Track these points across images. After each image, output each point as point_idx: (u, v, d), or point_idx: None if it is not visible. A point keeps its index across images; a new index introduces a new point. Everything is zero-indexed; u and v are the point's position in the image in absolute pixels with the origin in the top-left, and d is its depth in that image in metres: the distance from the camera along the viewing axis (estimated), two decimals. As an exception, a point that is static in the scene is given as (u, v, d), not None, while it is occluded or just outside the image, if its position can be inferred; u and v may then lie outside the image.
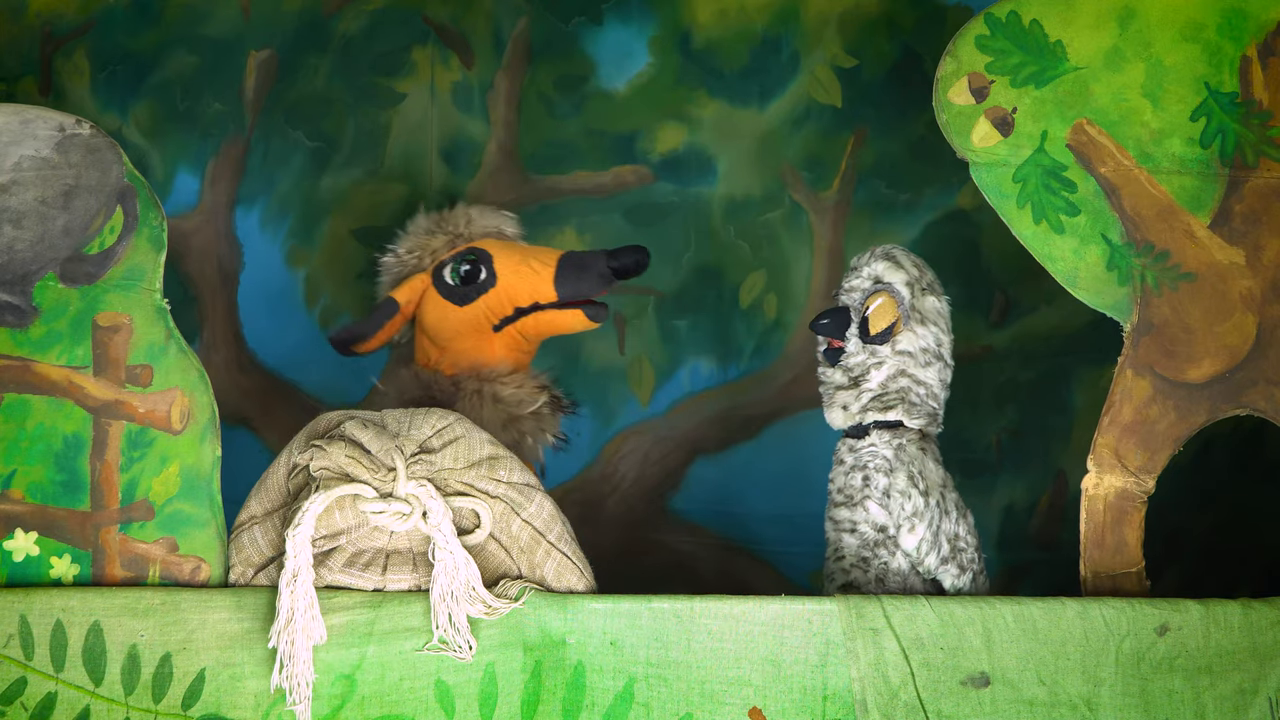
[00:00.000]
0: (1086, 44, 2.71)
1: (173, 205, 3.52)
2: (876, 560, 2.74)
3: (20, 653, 2.55)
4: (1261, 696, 2.59)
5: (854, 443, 2.79)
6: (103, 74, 3.55)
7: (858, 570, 2.75)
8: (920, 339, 2.77)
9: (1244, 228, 2.71)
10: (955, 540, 2.73)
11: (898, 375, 2.77)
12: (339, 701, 2.54)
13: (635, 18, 3.58)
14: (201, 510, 2.62)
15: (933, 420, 2.80)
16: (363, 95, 3.58)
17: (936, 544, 2.71)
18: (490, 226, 3.07)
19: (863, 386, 2.77)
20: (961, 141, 2.71)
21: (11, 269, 2.59)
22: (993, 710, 2.56)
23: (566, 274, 2.92)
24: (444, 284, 2.97)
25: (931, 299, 2.80)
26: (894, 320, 2.76)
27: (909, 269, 2.79)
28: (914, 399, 2.77)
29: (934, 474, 2.75)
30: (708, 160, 3.60)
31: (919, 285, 2.79)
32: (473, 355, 2.95)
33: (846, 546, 2.76)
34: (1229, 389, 2.70)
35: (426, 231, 3.05)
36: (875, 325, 2.76)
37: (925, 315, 2.78)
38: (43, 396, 2.60)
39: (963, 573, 2.74)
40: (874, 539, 2.74)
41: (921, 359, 2.77)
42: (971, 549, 2.76)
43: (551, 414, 2.97)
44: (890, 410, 2.76)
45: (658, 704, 2.55)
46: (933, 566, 2.72)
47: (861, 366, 2.78)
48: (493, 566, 2.61)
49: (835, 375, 2.80)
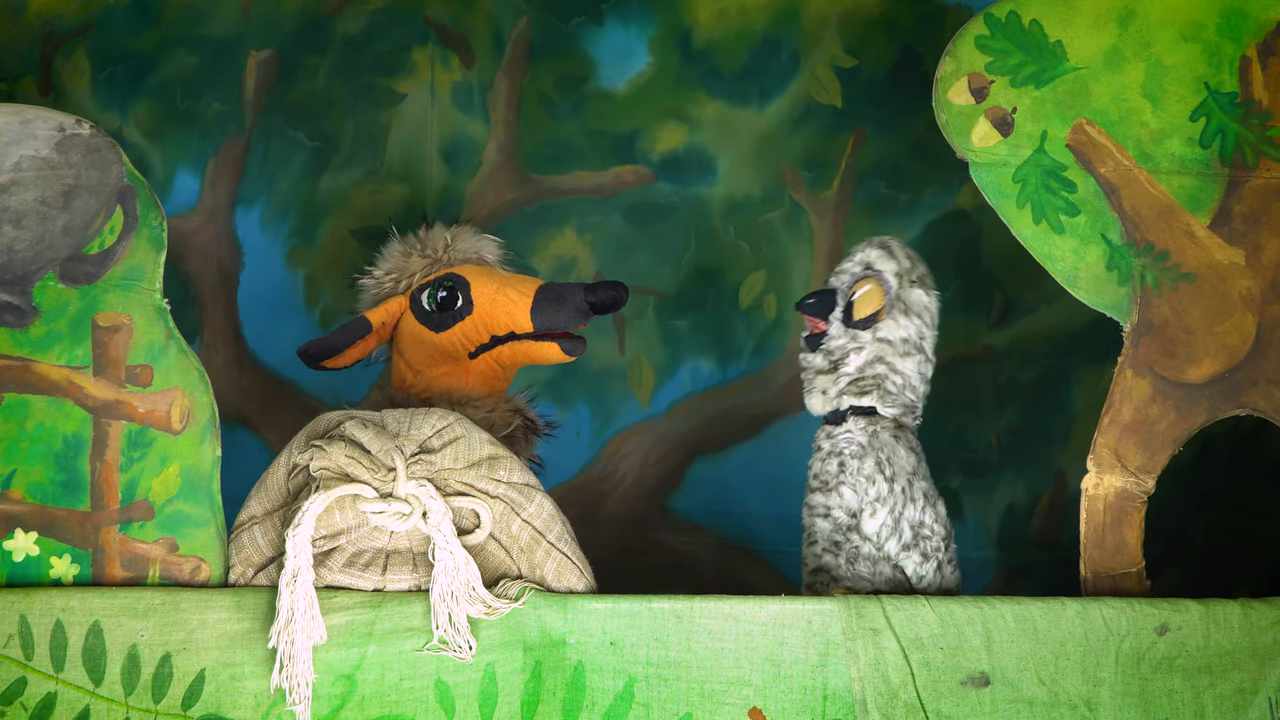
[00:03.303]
0: (1086, 44, 2.71)
1: (173, 205, 3.52)
2: (848, 544, 2.74)
3: (20, 653, 2.55)
4: (1261, 696, 2.59)
5: (831, 429, 2.80)
6: (103, 74, 3.55)
7: (829, 554, 2.76)
8: (902, 329, 2.78)
9: (1244, 228, 2.71)
10: (919, 528, 2.74)
11: (875, 361, 2.78)
12: (339, 701, 2.55)
13: (635, 18, 3.58)
14: (201, 510, 2.62)
15: (909, 411, 2.81)
16: (363, 95, 3.58)
17: (898, 530, 2.72)
18: (470, 251, 3.02)
19: (840, 370, 2.78)
20: (961, 141, 2.71)
21: (11, 269, 2.59)
22: (993, 710, 2.56)
23: (544, 306, 2.89)
24: (421, 309, 2.93)
25: (919, 292, 2.80)
26: (879, 308, 2.77)
27: (900, 260, 2.80)
28: (890, 387, 2.77)
29: (904, 461, 2.75)
30: (708, 160, 3.60)
31: (908, 277, 2.80)
32: (447, 381, 2.92)
33: (819, 531, 2.77)
34: (1229, 389, 2.70)
35: (404, 254, 2.99)
36: (860, 310, 2.77)
37: (910, 307, 2.79)
38: (43, 396, 2.60)
39: (925, 560, 2.74)
40: (846, 523, 2.75)
41: (901, 348, 2.78)
42: (938, 538, 2.76)
43: (525, 437, 2.95)
44: (866, 395, 2.77)
45: (658, 704, 2.55)
46: (893, 553, 2.73)
47: (841, 350, 2.79)
48: (493, 566, 2.61)
49: (816, 360, 2.82)
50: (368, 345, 2.95)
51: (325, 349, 2.93)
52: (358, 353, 2.95)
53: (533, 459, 2.95)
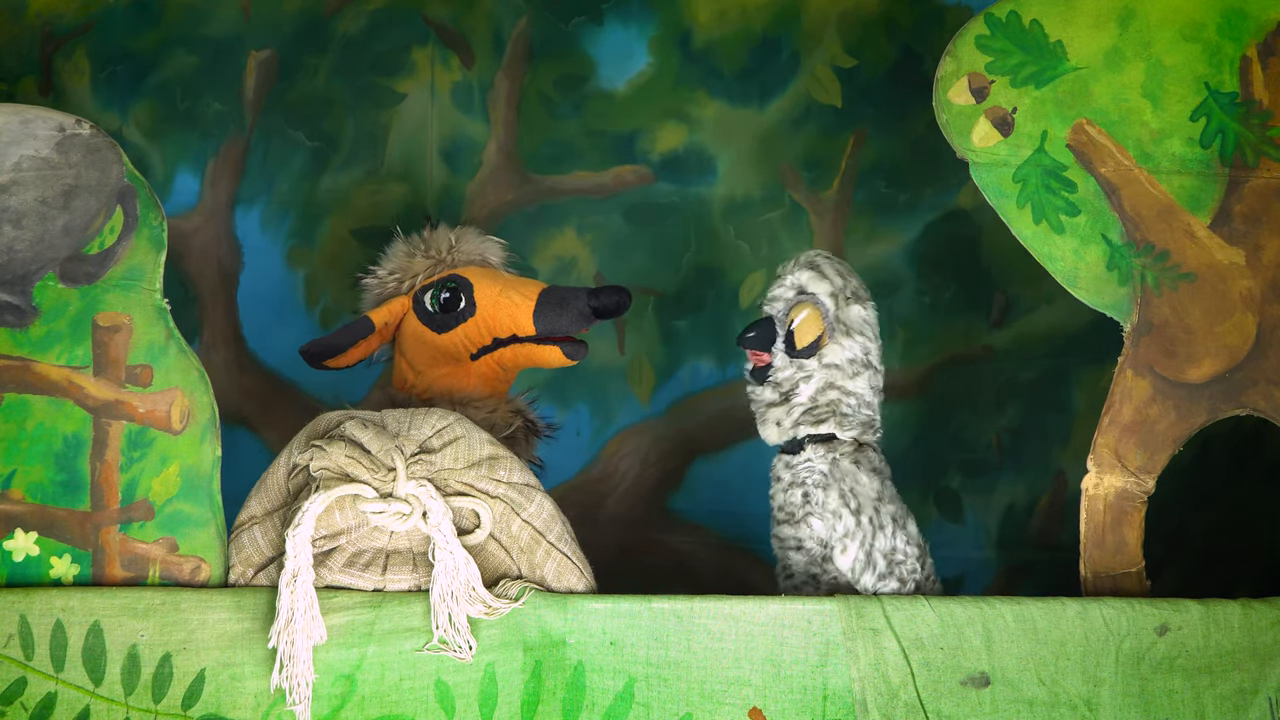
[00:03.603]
0: (1086, 44, 2.70)
1: (173, 205, 3.52)
2: (826, 576, 2.73)
3: (20, 653, 2.55)
4: (1261, 696, 2.59)
5: (790, 459, 2.77)
6: (103, 74, 3.55)
7: (809, 588, 2.75)
8: (846, 350, 2.75)
9: (1244, 228, 2.71)
10: (891, 554, 2.71)
11: (826, 388, 2.74)
12: (339, 701, 2.54)
13: (635, 18, 3.58)
14: (201, 510, 2.62)
15: (868, 428, 2.78)
16: (363, 95, 3.58)
17: (871, 563, 2.69)
18: (474, 253, 3.02)
19: (793, 401, 2.75)
20: (961, 141, 2.70)
21: (11, 269, 2.59)
22: (993, 710, 2.56)
23: (546, 309, 2.88)
24: (424, 310, 2.92)
25: (856, 308, 2.77)
26: (820, 333, 2.75)
27: (833, 278, 2.76)
28: (845, 409, 2.75)
29: (866, 489, 2.72)
30: (708, 160, 3.60)
31: (843, 295, 2.76)
32: (448, 382, 2.91)
33: (795, 564, 2.76)
34: (1229, 389, 2.70)
35: (408, 254, 2.99)
36: (801, 339, 2.74)
37: (850, 326, 2.76)
38: (43, 396, 2.60)
39: (903, 585, 2.71)
40: (820, 554, 2.73)
41: (849, 370, 2.75)
42: (912, 559, 2.73)
43: (526, 439, 2.95)
44: (822, 424, 2.74)
45: (658, 704, 2.55)
46: (869, 585, 2.70)
47: (790, 381, 2.76)
48: (493, 566, 2.61)
49: (765, 393, 2.78)
50: (370, 345, 2.94)
51: (328, 348, 2.93)
52: (360, 352, 2.94)
53: (533, 460, 2.95)
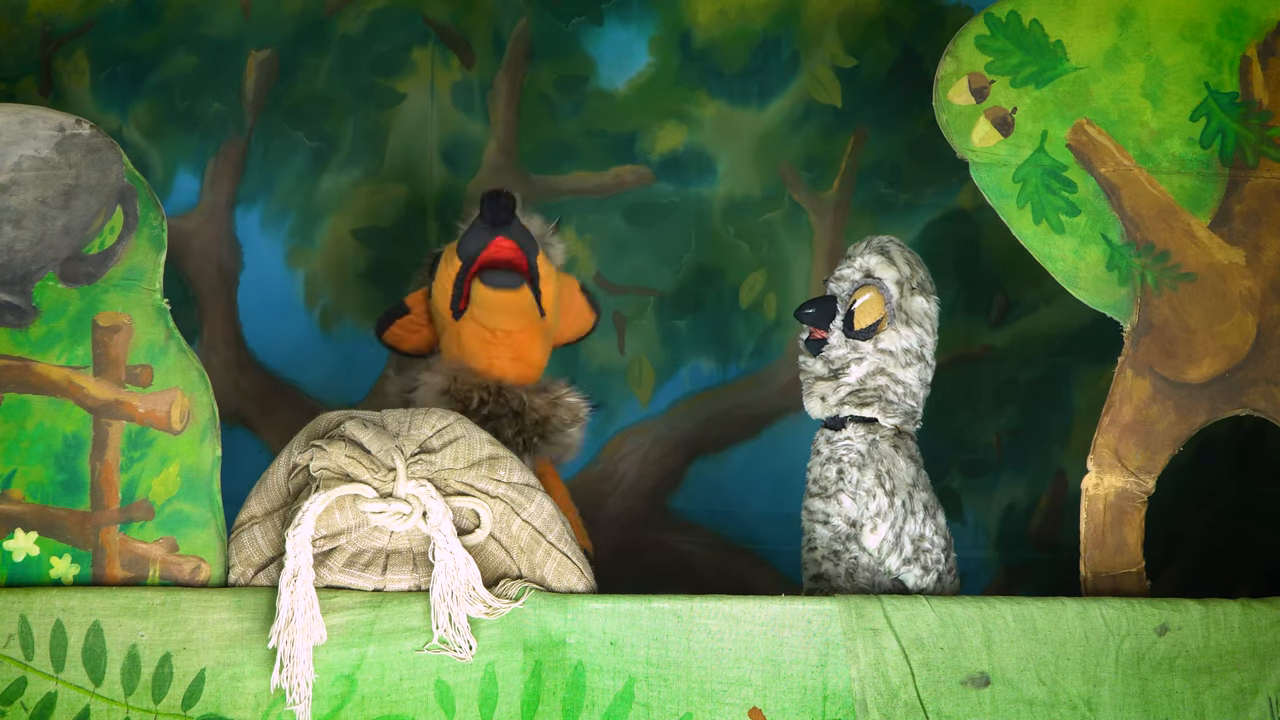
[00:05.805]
0: (1086, 44, 2.71)
1: (173, 205, 3.52)
2: (847, 554, 2.73)
3: (20, 653, 2.55)
4: (1261, 696, 2.59)
5: (830, 434, 2.78)
6: (103, 74, 3.55)
7: (829, 563, 2.75)
8: (903, 339, 2.76)
9: (1244, 228, 2.71)
10: (919, 541, 2.72)
11: (877, 373, 2.76)
12: (339, 701, 2.54)
13: (635, 18, 3.59)
14: (201, 510, 2.62)
15: (910, 418, 2.79)
16: (363, 95, 3.58)
17: (899, 546, 2.70)
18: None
19: (841, 380, 2.76)
20: (961, 141, 2.70)
21: (11, 269, 2.59)
22: (993, 710, 2.56)
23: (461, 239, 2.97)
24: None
25: (920, 299, 2.78)
26: (879, 318, 2.76)
27: (901, 266, 2.78)
28: (891, 397, 2.76)
29: (903, 473, 2.74)
30: (708, 160, 3.60)
31: (909, 284, 2.77)
32: (448, 353, 3.00)
33: (819, 538, 2.76)
34: (1229, 389, 2.70)
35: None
36: (860, 321, 2.76)
37: (911, 316, 2.77)
38: (43, 396, 2.60)
39: (926, 573, 2.72)
40: (846, 532, 2.74)
41: (902, 359, 2.76)
42: (938, 549, 2.74)
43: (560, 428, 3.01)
44: (866, 407, 2.75)
45: (658, 704, 2.55)
46: (894, 568, 2.71)
47: (842, 360, 2.77)
48: (493, 566, 2.61)
49: (815, 365, 2.80)
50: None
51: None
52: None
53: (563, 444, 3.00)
